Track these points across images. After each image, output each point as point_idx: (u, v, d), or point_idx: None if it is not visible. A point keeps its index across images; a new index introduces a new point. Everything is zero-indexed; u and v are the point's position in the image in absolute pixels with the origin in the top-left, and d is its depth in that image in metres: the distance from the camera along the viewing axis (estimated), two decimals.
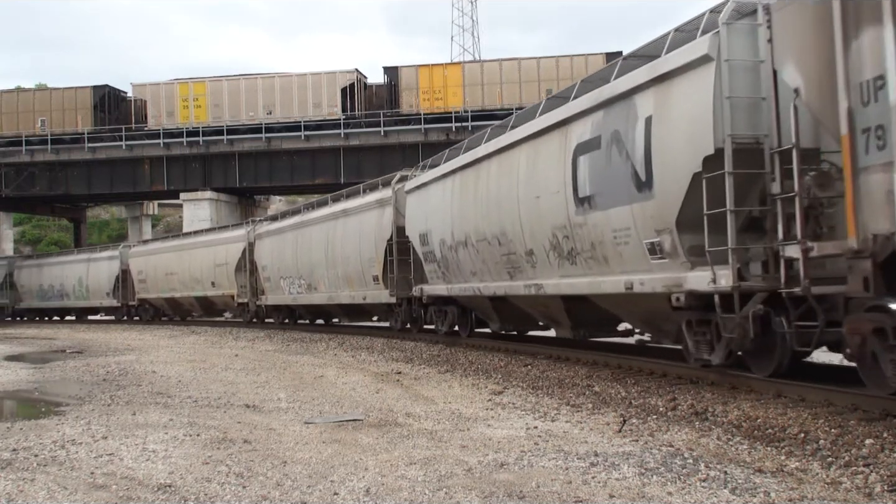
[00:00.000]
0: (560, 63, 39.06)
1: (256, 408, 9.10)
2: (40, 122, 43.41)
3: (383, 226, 19.10)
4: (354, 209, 21.06)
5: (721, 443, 6.34)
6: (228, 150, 42.10)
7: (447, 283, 15.93)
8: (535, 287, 12.09)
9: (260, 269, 27.81)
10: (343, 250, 21.42)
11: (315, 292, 23.70)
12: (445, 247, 15.38)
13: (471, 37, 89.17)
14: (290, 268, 25.14)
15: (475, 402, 9.02)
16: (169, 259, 34.15)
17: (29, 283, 44.48)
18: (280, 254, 26.13)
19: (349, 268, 20.99)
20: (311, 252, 23.53)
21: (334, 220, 22.24)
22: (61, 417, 8.85)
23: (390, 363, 14.01)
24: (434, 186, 16.05)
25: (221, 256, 30.47)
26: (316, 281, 23.36)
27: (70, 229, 62.35)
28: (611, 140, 9.57)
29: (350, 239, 20.98)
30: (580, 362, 11.95)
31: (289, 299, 25.93)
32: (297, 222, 25.14)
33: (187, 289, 32.83)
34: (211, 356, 16.83)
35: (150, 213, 61.66)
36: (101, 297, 39.04)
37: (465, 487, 5.20)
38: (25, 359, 18.59)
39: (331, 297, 22.65)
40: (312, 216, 24.17)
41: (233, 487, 5.40)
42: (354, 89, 40.76)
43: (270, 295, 27.32)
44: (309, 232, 23.95)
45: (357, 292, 20.87)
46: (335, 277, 22.01)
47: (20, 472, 6.07)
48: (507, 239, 12.63)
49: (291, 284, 25.21)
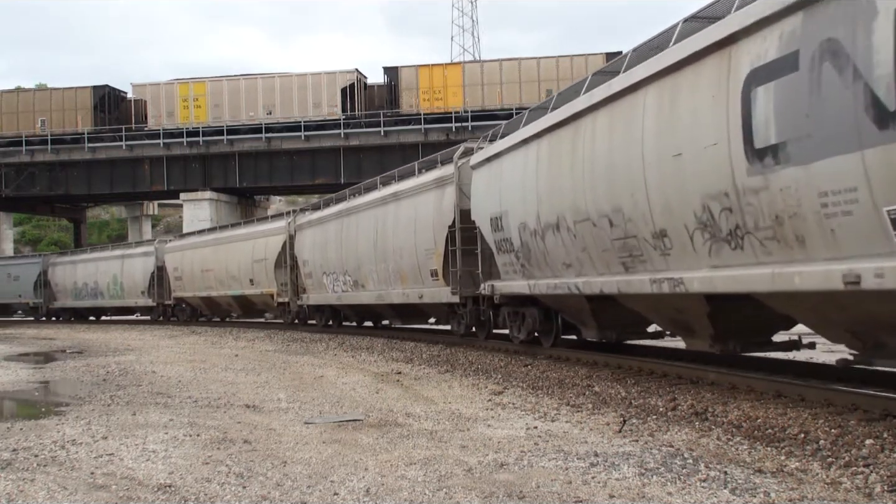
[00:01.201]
0: (560, 63, 39.09)
1: (256, 408, 9.10)
2: (40, 122, 43.43)
3: (443, 210, 16.06)
4: (408, 191, 17.89)
5: (721, 443, 6.33)
6: (228, 150, 42.12)
7: (528, 279, 12.59)
8: (669, 283, 8.61)
9: (301, 264, 25.09)
10: (395, 241, 18.31)
11: (362, 290, 20.65)
12: (527, 232, 12.08)
13: (471, 37, 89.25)
14: (333, 262, 22.23)
15: (475, 402, 9.02)
16: (205, 254, 31.41)
17: (63, 282, 41.95)
18: (322, 246, 23.21)
19: (402, 261, 17.94)
20: (358, 244, 20.53)
21: (383, 206, 19.17)
22: (61, 417, 8.85)
23: (390, 363, 14.00)
24: (511, 157, 12.77)
25: (260, 251, 27.61)
26: (363, 277, 20.33)
27: (70, 229, 62.39)
28: (820, 54, 6.48)
29: (403, 227, 17.91)
30: (580, 362, 11.95)
31: (332, 298, 22.96)
32: (341, 210, 22.04)
33: (224, 287, 30.06)
34: (211, 356, 16.82)
35: (150, 214, 61.77)
36: (135, 296, 36.58)
37: (465, 487, 5.19)
38: (25, 359, 18.59)
39: (380, 296, 19.55)
40: (358, 202, 20.99)
41: (233, 487, 5.40)
42: (354, 89, 40.78)
43: (312, 293, 24.53)
44: (354, 220, 20.95)
45: (411, 290, 17.83)
46: (385, 273, 18.94)
47: (20, 472, 6.07)
48: (622, 218, 9.24)
49: (335, 281, 22.32)
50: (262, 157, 42.23)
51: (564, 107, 10.91)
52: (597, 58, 37.89)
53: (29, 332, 31.77)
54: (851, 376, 8.56)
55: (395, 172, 19.72)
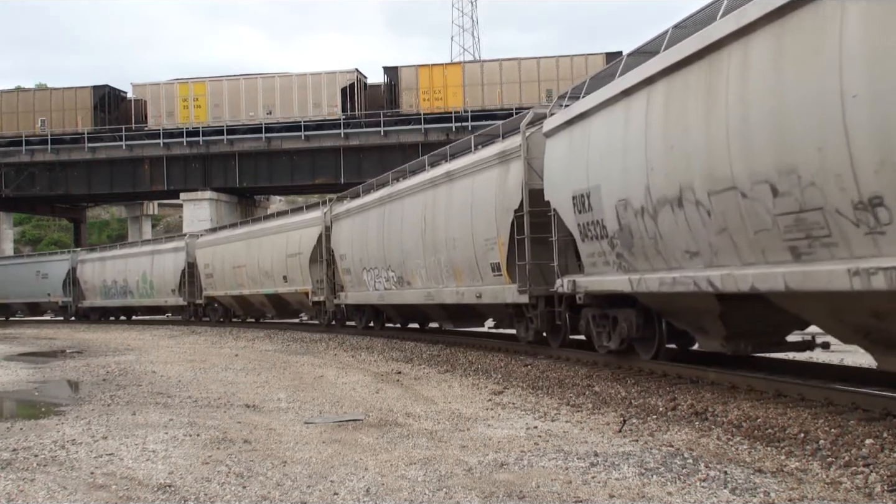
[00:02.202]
0: (560, 63, 39.09)
1: (256, 408, 9.10)
2: (40, 122, 43.42)
3: (508, 190, 13.26)
4: (463, 170, 15.08)
5: (721, 443, 6.34)
6: (228, 150, 42.12)
7: (626, 273, 9.79)
8: (888, 274, 5.87)
9: (338, 258, 22.60)
10: (447, 230, 15.48)
11: (408, 288, 17.93)
12: (629, 212, 9.28)
13: (471, 37, 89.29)
14: (374, 256, 19.62)
15: (475, 402, 9.02)
16: (237, 249, 29.06)
17: (92, 279, 39.53)
18: (362, 238, 20.49)
19: (456, 254, 15.17)
20: (403, 234, 17.77)
21: (433, 189, 16.41)
22: (61, 417, 8.85)
23: (390, 363, 14.01)
24: (604, 116, 9.90)
25: (294, 244, 25.25)
26: (409, 273, 17.67)
27: (70, 229, 62.40)
28: None
29: (457, 213, 15.10)
30: (580, 362, 11.95)
31: (374, 297, 20.27)
32: (383, 196, 19.29)
33: (257, 285, 27.75)
34: (211, 356, 16.82)
35: (150, 213, 61.73)
36: (166, 295, 34.42)
37: (465, 487, 5.19)
38: (25, 359, 18.59)
39: (429, 295, 16.78)
40: (403, 186, 18.10)
41: (233, 487, 5.40)
42: (354, 89, 40.79)
43: (351, 291, 21.96)
44: (398, 208, 18.19)
45: (467, 288, 14.98)
46: (435, 268, 16.22)
47: (20, 472, 6.07)
48: (797, 183, 6.60)
49: (377, 278, 19.67)
50: (262, 157, 42.23)
51: (692, 39, 8.06)
52: (597, 58, 37.90)
53: (29, 332, 31.77)
54: (852, 376, 8.57)
55: (446, 150, 16.91)
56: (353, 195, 22.66)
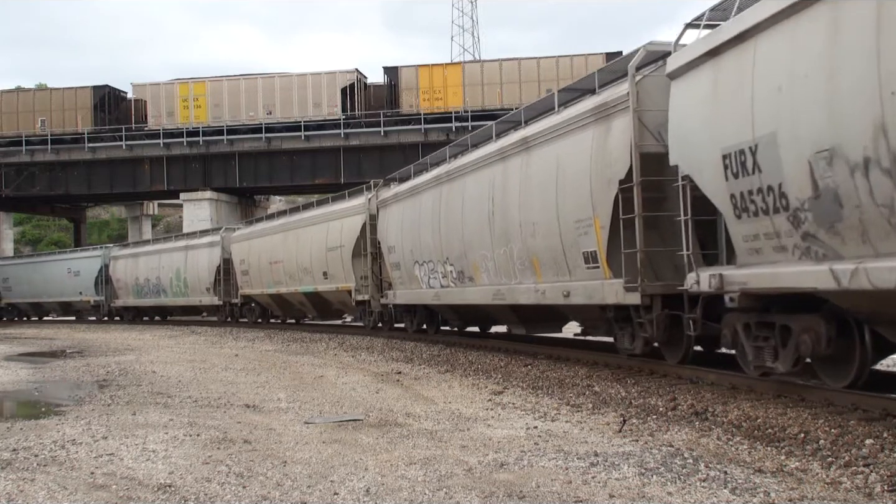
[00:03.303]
0: (560, 63, 39.09)
1: (256, 408, 9.10)
2: (40, 122, 43.41)
3: (609, 156, 10.14)
4: (544, 135, 11.83)
5: (721, 443, 6.34)
6: (228, 150, 42.11)
7: (824, 262, 6.77)
8: None
9: (385, 251, 19.56)
10: (523, 211, 12.38)
11: (470, 285, 14.94)
12: (840, 167, 6.37)
13: (471, 37, 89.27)
14: (428, 247, 16.63)
15: (475, 402, 9.02)
16: (273, 243, 26.44)
17: (124, 277, 36.98)
18: (414, 226, 17.48)
19: (535, 241, 12.08)
20: (464, 219, 14.69)
21: (503, 163, 13.16)
22: (61, 417, 8.85)
23: (390, 363, 14.01)
24: (780, 32, 7.07)
25: (335, 236, 22.38)
26: (471, 266, 14.67)
27: (70, 229, 62.41)
28: None
29: (537, 189, 11.96)
30: (580, 362, 11.95)
31: (427, 296, 17.36)
32: (439, 175, 16.23)
33: (295, 282, 24.99)
34: (211, 356, 16.83)
35: (150, 213, 61.72)
36: (200, 294, 31.78)
37: (465, 487, 5.20)
38: (25, 359, 18.59)
39: (498, 294, 13.69)
40: (465, 161, 14.97)
41: (233, 487, 5.40)
42: (354, 89, 40.79)
43: (400, 289, 18.94)
44: (459, 187, 15.06)
45: (551, 285, 11.87)
46: (506, 259, 13.12)
47: (20, 472, 6.07)
48: None
49: (432, 273, 16.79)
50: (262, 157, 42.21)
51: None
52: (597, 58, 37.88)
53: (29, 332, 31.77)
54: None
55: (518, 113, 13.46)
56: (402, 177, 19.52)
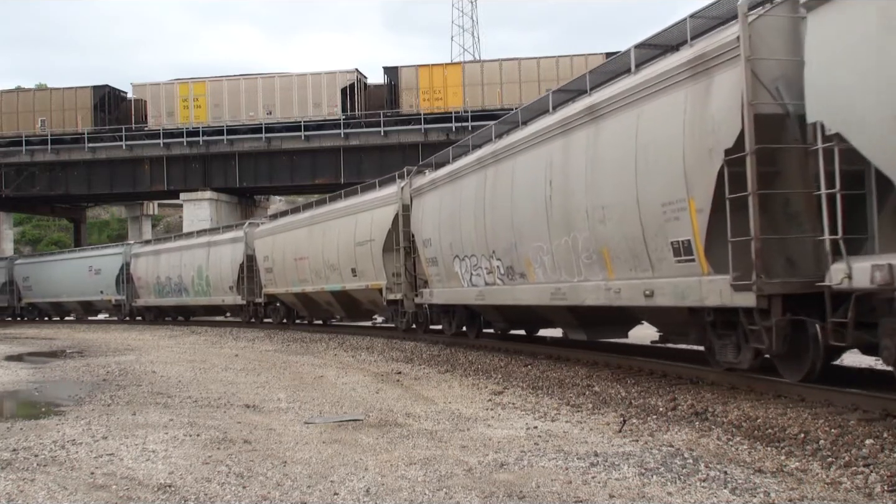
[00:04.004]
0: (560, 63, 39.08)
1: (256, 408, 9.10)
2: (40, 122, 43.40)
3: (710, 120, 8.12)
4: (620, 99, 9.69)
5: (721, 443, 6.34)
6: (228, 150, 42.11)
7: None
8: None
9: (420, 245, 17.49)
10: (591, 194, 10.22)
11: (521, 282, 12.74)
12: None
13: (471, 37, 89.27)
14: (471, 239, 14.43)
15: (475, 402, 9.02)
16: (298, 238, 24.58)
17: (146, 275, 35.40)
18: (454, 216, 15.27)
19: (606, 229, 9.99)
20: (514, 205, 12.50)
21: (564, 137, 10.94)
22: (61, 417, 8.85)
23: (390, 363, 14.01)
24: None
25: (364, 229, 20.39)
26: (522, 261, 12.47)
27: (70, 229, 62.40)
28: None
29: (610, 167, 9.86)
30: (580, 362, 11.95)
31: (469, 295, 15.05)
32: (483, 157, 13.85)
33: (321, 280, 23.00)
34: (211, 356, 16.83)
35: (150, 213, 61.74)
36: (223, 293, 30.00)
37: (465, 487, 5.20)
38: (25, 359, 18.59)
39: (558, 293, 11.43)
40: (515, 138, 12.67)
41: (233, 487, 5.40)
42: (354, 89, 40.78)
43: (438, 287, 16.77)
44: (507, 170, 12.83)
45: (628, 281, 9.75)
46: (568, 252, 11.01)
47: (20, 472, 6.07)
48: None
49: (474, 269, 14.70)
50: (262, 157, 42.21)
51: None
52: (597, 58, 37.82)
53: (29, 332, 31.77)
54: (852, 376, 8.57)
55: (583, 78, 11.10)
56: (439, 161, 17.27)
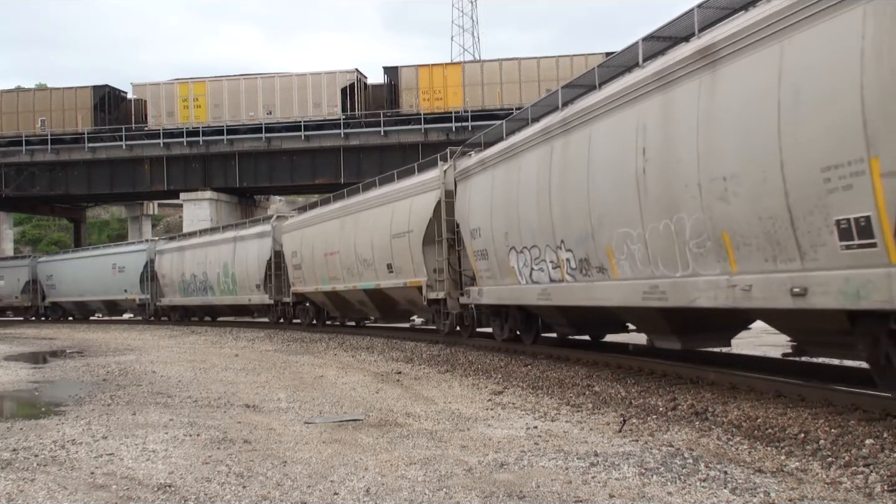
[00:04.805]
0: (560, 63, 39.09)
1: (256, 408, 9.10)
2: (40, 122, 43.41)
3: None
4: (752, 33, 7.17)
5: (721, 443, 6.34)
6: (228, 150, 42.12)
7: None
8: None
9: (466, 235, 15.09)
10: (706, 160, 7.89)
11: (600, 278, 10.37)
12: None
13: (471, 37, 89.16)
14: (531, 227, 12.12)
15: (475, 402, 9.02)
16: (328, 231, 22.36)
17: (170, 273, 33.72)
18: (508, 201, 12.91)
19: (729, 207, 7.61)
20: (592, 183, 10.14)
21: (662, 93, 8.64)
22: (61, 417, 8.85)
23: (390, 363, 14.00)
24: None
25: (401, 219, 18.15)
26: (602, 251, 10.10)
27: (70, 229, 62.41)
28: None
29: (736, 121, 7.47)
30: (580, 362, 11.94)
31: (530, 294, 12.49)
32: (549, 127, 11.50)
33: (353, 277, 20.75)
34: (211, 356, 16.83)
35: (150, 213, 61.73)
36: (249, 291, 28.17)
37: (465, 487, 5.20)
38: (25, 359, 18.58)
39: (654, 291, 9.12)
40: (592, 101, 10.32)
41: (233, 487, 5.40)
42: (354, 89, 40.79)
43: (488, 285, 14.41)
44: (580, 141, 10.49)
45: (763, 275, 7.27)
46: (669, 239, 8.66)
47: (20, 472, 6.07)
48: None
49: (535, 263, 12.22)
50: (262, 157, 42.21)
51: None
52: (597, 57, 37.81)
53: (29, 332, 31.77)
54: (852, 376, 8.57)
55: (689, 16, 8.60)
56: (489, 139, 14.58)
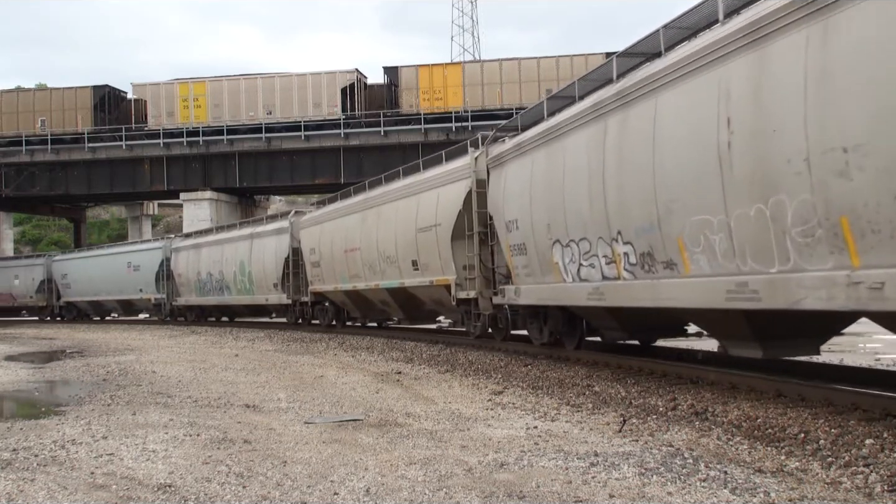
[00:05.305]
0: (560, 63, 39.09)
1: (256, 408, 9.10)
2: (40, 122, 43.41)
3: None
4: None
5: (721, 443, 6.34)
6: (228, 150, 42.12)
7: None
8: None
9: (501, 228, 13.61)
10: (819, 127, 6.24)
11: (668, 274, 8.85)
12: None
13: (471, 37, 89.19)
14: (580, 217, 10.64)
15: (475, 402, 9.02)
16: (349, 226, 21.07)
17: (186, 272, 32.58)
18: (552, 188, 11.40)
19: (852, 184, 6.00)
20: (658, 164, 8.67)
21: (754, 49, 7.00)
22: (61, 417, 8.85)
23: (390, 363, 14.00)
24: None
25: (427, 212, 16.76)
26: (672, 243, 8.63)
27: (70, 229, 62.41)
28: None
29: (871, 76, 5.73)
30: (580, 362, 11.94)
31: (579, 294, 10.96)
32: (601, 102, 9.97)
33: (375, 275, 19.48)
34: (211, 356, 16.82)
35: (150, 213, 61.75)
36: (266, 291, 27.05)
37: (465, 487, 5.20)
38: (25, 359, 18.58)
39: (744, 289, 7.38)
40: (654, 70, 8.85)
41: (233, 487, 5.40)
42: (354, 89, 40.79)
43: (527, 283, 12.86)
44: (643, 115, 8.98)
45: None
46: (762, 226, 7.05)
47: (20, 472, 6.07)
48: None
49: (585, 257, 10.72)
50: (262, 157, 42.22)
51: None
52: (596, 57, 37.83)
53: (29, 332, 31.77)
54: (852, 376, 8.57)
55: None
56: (527, 121, 12.92)
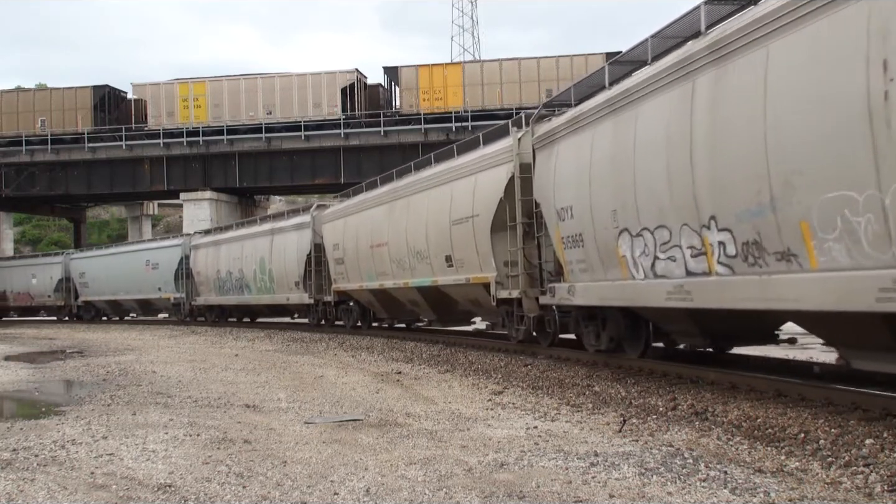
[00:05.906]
0: (560, 63, 39.09)
1: (256, 408, 9.10)
2: (40, 122, 43.41)
3: None
4: None
5: (721, 443, 6.34)
6: (228, 150, 42.12)
7: None
8: None
9: (551, 216, 11.84)
10: None
11: (781, 269, 6.90)
12: None
13: (471, 37, 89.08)
14: (658, 200, 8.84)
15: (475, 402, 9.02)
16: (375, 218, 19.43)
17: (205, 270, 31.26)
18: (618, 167, 9.63)
19: None
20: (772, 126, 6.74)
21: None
22: (61, 417, 8.85)
23: (390, 363, 14.00)
24: None
25: (463, 201, 14.98)
26: (786, 229, 6.73)
27: (70, 229, 62.41)
28: None
29: None
30: (580, 362, 11.94)
31: (655, 294, 9.13)
32: (687, 59, 8.11)
33: (404, 272, 17.80)
34: (211, 356, 16.82)
35: (150, 213, 61.74)
36: (287, 290, 25.49)
37: (465, 487, 5.20)
38: (25, 359, 18.58)
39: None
40: (762, 12, 6.83)
41: (233, 487, 5.40)
42: (354, 89, 40.79)
43: (583, 280, 11.11)
44: (747, 68, 7.05)
45: None
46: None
47: (20, 472, 6.07)
48: None
49: (662, 249, 8.91)
50: (262, 157, 42.22)
51: None
52: (596, 57, 37.85)
53: (29, 332, 31.76)
54: (852, 376, 8.57)
55: None
56: (581, 93, 11.27)
